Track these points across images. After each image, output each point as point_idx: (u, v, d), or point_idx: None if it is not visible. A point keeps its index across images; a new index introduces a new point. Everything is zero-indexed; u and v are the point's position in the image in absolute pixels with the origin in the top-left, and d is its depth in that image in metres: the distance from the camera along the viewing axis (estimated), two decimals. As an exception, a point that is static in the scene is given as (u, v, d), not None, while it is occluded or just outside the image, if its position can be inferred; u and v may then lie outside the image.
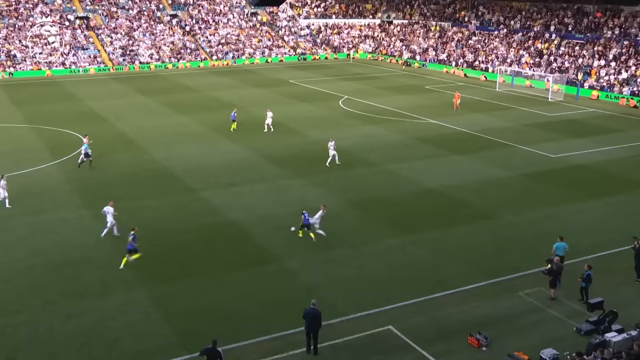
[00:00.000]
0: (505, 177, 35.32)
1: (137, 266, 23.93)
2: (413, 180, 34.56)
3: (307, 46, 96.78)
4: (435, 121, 49.76)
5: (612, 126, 49.30)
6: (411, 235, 27.09)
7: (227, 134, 44.48)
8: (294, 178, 34.64)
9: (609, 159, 39.42)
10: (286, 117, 50.75)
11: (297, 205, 29.79)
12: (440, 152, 40.30)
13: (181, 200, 31.02)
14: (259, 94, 62.88)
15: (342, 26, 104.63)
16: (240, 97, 60.66)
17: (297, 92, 63.01)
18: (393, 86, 67.97)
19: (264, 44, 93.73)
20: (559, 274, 21.77)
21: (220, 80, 71.85)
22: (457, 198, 31.74)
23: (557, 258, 22.07)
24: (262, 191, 32.54)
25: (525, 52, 78.02)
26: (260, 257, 24.85)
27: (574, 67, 70.10)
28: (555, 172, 36.36)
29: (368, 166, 37.10)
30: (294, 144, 42.18)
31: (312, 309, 18.66)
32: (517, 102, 58.89)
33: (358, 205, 30.55)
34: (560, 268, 21.78)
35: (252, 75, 76.28)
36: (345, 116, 51.73)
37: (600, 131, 47.26)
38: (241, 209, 29.97)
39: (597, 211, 30.16)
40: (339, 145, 41.74)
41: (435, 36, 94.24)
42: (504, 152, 40.75)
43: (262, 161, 38.02)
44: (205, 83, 69.42)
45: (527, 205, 30.68)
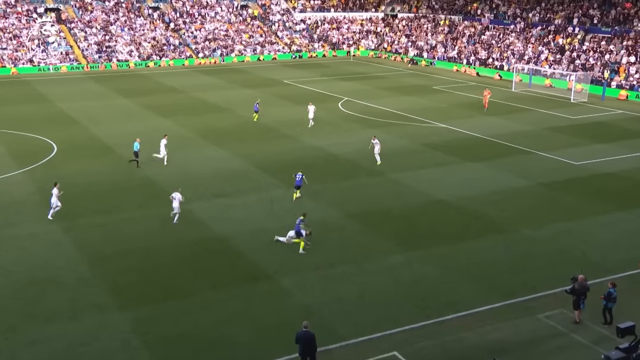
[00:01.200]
0: (523, 187, 35.45)
1: (113, 286, 23.94)
2: (420, 190, 34.67)
3: (303, 43, 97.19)
4: (444, 125, 49.97)
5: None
6: (418, 250, 27.16)
7: (215, 140, 44.61)
8: (288, 188, 34.73)
9: (639, 166, 39.59)
10: (279, 120, 50.91)
11: (292, 218, 29.84)
12: (451, 160, 40.44)
13: (164, 213, 31.06)
14: (249, 95, 63.06)
15: (341, 20, 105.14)
16: (229, 98, 60.86)
17: (292, 93, 63.19)
18: (398, 86, 68.22)
19: (255, 40, 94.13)
20: (582, 294, 21.74)
21: (207, 80, 72.06)
22: (469, 210, 31.84)
23: (581, 276, 22.04)
24: (253, 202, 32.62)
25: (544, 48, 78.42)
26: (251, 275, 24.89)
27: (599, 65, 70.43)
28: (579, 181, 36.51)
29: (370, 175, 37.21)
30: (288, 150, 42.31)
31: (305, 331, 18.66)
32: (535, 104, 59.17)
33: (360, 217, 30.63)
34: (585, 288, 21.74)
35: (242, 75, 76.51)
36: (344, 119, 51.89)
37: (629, 135, 47.47)
38: (230, 222, 30.03)
39: (626, 224, 30.25)
40: (337, 151, 41.86)
41: (444, 31, 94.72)
42: (522, 159, 40.90)
43: (253, 169, 38.11)
44: (191, 83, 69.63)
45: (547, 218, 30.78)
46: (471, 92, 65.72)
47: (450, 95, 63.94)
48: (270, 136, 45.78)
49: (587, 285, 21.81)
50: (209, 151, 42.11)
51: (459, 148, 43.12)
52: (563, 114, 55.15)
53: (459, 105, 58.36)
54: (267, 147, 42.87)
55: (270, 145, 43.23)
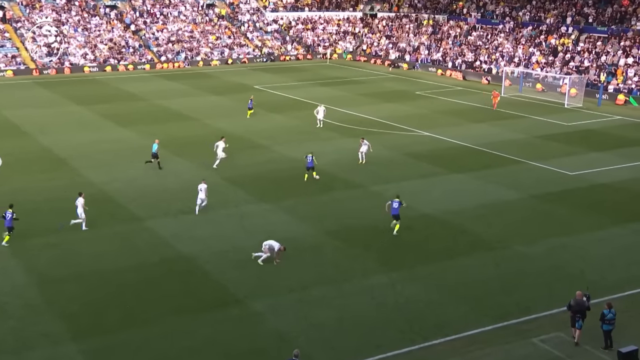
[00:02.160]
0: (514, 200, 35.80)
1: (65, 313, 23.70)
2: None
3: (275, 45, 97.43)
4: (428, 133, 50.34)
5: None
6: (402, 269, 27.27)
7: (179, 151, 44.48)
8: (259, 203, 34.71)
9: (638, 176, 40.20)
10: (250, 130, 50.93)
11: (264, 235, 29.82)
12: (436, 171, 40.72)
13: (123, 231, 30.86)
14: (217, 102, 62.98)
15: (316, 20, 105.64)
16: (195, 106, 60.75)
17: (264, 100, 63.25)
18: (378, 92, 68.63)
19: (223, 42, 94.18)
20: (578, 312, 21.92)
21: (171, 86, 71.88)
22: (456, 225, 32.07)
23: (579, 292, 22.25)
24: (221, 219, 32.55)
25: (536, 49, 79.44)
26: (220, 299, 24.80)
27: (595, 67, 71.44)
28: (574, 193, 36.97)
29: (349, 187, 37.33)
30: (259, 161, 42.31)
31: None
32: (526, 110, 59.86)
33: (338, 234, 30.70)
34: (581, 305, 21.91)
35: (209, 80, 76.43)
36: (321, 128, 52.06)
37: (627, 143, 48.20)
38: (196, 240, 29.92)
39: (624, 239, 30.67)
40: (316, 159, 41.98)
41: (427, 32, 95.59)
42: (512, 170, 41.33)
43: (221, 183, 38.04)
44: (152, 89, 69.40)
45: (540, 233, 31.12)
46: (457, 97, 66.32)
47: (435, 101, 64.47)
48: (240, 146, 45.74)
49: (584, 303, 21.97)
50: (172, 163, 41.96)
51: (445, 158, 43.45)
52: (556, 120, 55.86)
53: (444, 111, 58.84)
54: (237, 158, 42.82)
55: (241, 157, 43.20)
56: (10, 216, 29.43)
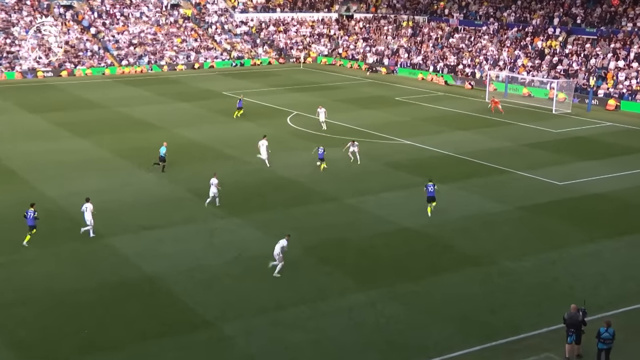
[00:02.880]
0: (500, 212, 36.04)
1: (15, 341, 23.37)
2: (383, 217, 34.95)
3: (245, 48, 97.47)
4: (409, 142, 50.57)
5: (635, 144, 51.00)
6: (383, 288, 27.29)
7: (142, 163, 44.21)
8: (229, 217, 34.61)
9: (631, 186, 40.64)
10: (219, 139, 50.81)
11: (235, 252, 29.70)
12: (417, 181, 40.84)
13: (81, 249, 30.58)
14: (183, 109, 62.80)
15: (289, 22, 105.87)
16: (159, 114, 60.52)
17: (233, 107, 63.16)
18: (355, 98, 68.87)
19: (189, 45, 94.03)
20: (571, 326, 22.01)
21: (133, 92, 71.56)
22: (440, 239, 32.20)
23: (573, 306, 22.36)
24: (188, 235, 32.39)
25: (521, 52, 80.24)
26: (187, 322, 24.64)
27: (584, 70, 72.28)
28: (563, 205, 37.30)
29: (325, 201, 37.36)
30: (229, 172, 42.20)
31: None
32: (512, 116, 60.39)
33: (313, 251, 30.68)
34: (574, 319, 21.99)
35: (175, 86, 76.23)
36: (294, 137, 52.08)
37: (619, 151, 48.79)
38: (162, 259, 29.73)
39: (618, 253, 30.96)
40: (287, 174, 41.92)
41: (407, 34, 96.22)
42: (498, 180, 41.63)
43: (188, 196, 37.87)
44: (113, 96, 69.04)
45: (528, 247, 31.33)
46: (439, 103, 66.74)
47: (416, 107, 64.81)
48: (208, 157, 45.60)
49: (578, 317, 22.07)
50: (135, 176, 41.71)
51: (426, 168, 43.64)
52: (544, 127, 56.39)
53: (425, 118, 59.17)
54: (205, 169, 42.65)
55: (209, 168, 42.99)
56: (31, 215, 30.77)
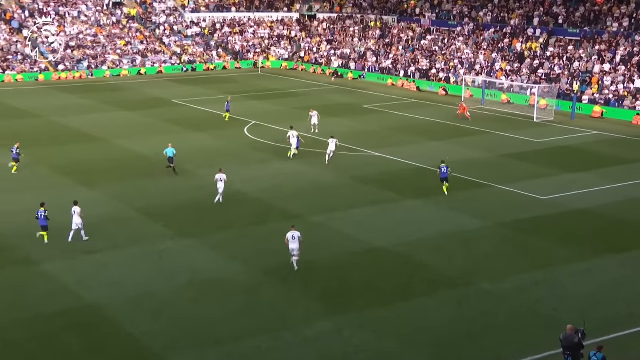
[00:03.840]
0: (478, 229, 36.26)
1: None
2: (351, 236, 35.00)
3: (197, 51, 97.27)
4: (378, 153, 50.75)
5: (623, 155, 51.67)
6: (351, 313, 27.26)
7: (81, 178, 43.83)
8: (181, 238, 34.40)
9: (619, 200, 41.13)
10: (168, 151, 50.60)
11: (186, 277, 29.47)
12: (388, 196, 41.02)
13: (12, 277, 30.17)
14: (128, 119, 62.43)
15: (245, 23, 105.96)
16: (101, 124, 60.06)
17: (185, 117, 62.99)
18: (318, 106, 68.74)
19: (134, 48, 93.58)
20: (567, 349, 22.10)
21: (70, 100, 70.95)
22: (413, 259, 32.29)
23: (570, 326, 22.46)
24: (135, 258, 32.12)
25: (499, 55, 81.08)
26: (134, 355, 24.39)
27: (567, 75, 73.21)
28: (547, 220, 37.64)
29: (287, 218, 37.25)
30: (180, 189, 41.98)
31: None
32: (490, 125, 60.91)
33: (275, 274, 30.56)
34: (569, 340, 22.05)
35: (118, 93, 75.73)
36: (253, 149, 51.99)
37: (606, 162, 49.42)
38: (105, 285, 29.42)
39: (607, 273, 31.24)
40: (245, 189, 41.83)
41: (375, 35, 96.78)
42: (476, 195, 41.93)
43: (134, 215, 37.58)
44: (48, 105, 68.38)
45: (509, 268, 31.50)
46: (411, 111, 67.13)
47: (385, 115, 65.09)
48: (157, 172, 45.31)
49: (574, 338, 22.17)
50: (74, 193, 41.27)
51: (398, 182, 43.80)
52: (525, 136, 56.94)
53: (396, 128, 59.45)
54: (154, 186, 42.39)
55: (158, 184, 42.77)
56: (42, 215, 33.80)
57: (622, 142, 56.18)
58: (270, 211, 38.53)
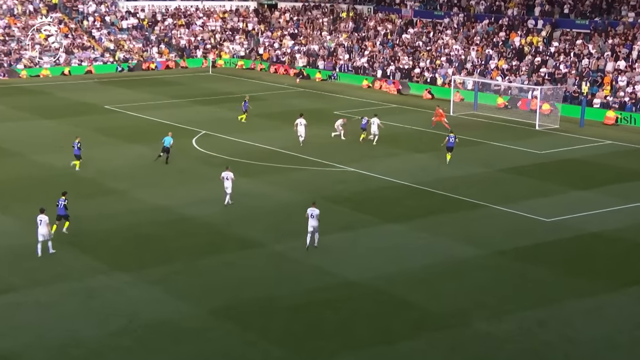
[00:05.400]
0: (472, 258, 36.27)
1: None
2: (321, 267, 34.87)
3: (135, 47, 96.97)
4: (352, 168, 50.74)
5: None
6: (321, 359, 27.22)
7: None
8: (114, 272, 34.04)
9: (638, 222, 41.38)
10: (101, 168, 50.17)
11: (122, 319, 29.12)
12: (364, 220, 40.95)
13: None
14: (49, 129, 62.00)
15: (192, 13, 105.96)
16: (16, 134, 59.61)
17: (119, 126, 62.69)
18: (281, 112, 68.99)
19: (57, 42, 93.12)
20: None
21: (-20, 107, 70.43)
22: (395, 295, 32.18)
23: None
24: (58, 297, 31.73)
25: (494, 51, 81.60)
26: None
27: (574, 74, 73.73)
28: (553, 247, 37.76)
29: (245, 247, 37.13)
30: (113, 213, 41.68)
31: None
32: (485, 134, 61.20)
33: (229, 314, 30.34)
34: None
35: (37, 97, 75.30)
36: (202, 163, 51.80)
37: (621, 177, 49.79)
38: (22, 330, 29.00)
39: (624, 310, 31.28)
40: (193, 212, 41.66)
41: (348, 28, 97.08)
42: (469, 217, 41.98)
43: (59, 246, 37.18)
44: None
45: (509, 304, 31.49)
46: (391, 118, 67.23)
47: (360, 123, 65.14)
48: (86, 193, 44.95)
49: None
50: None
51: (376, 202, 43.77)
52: (526, 147, 57.27)
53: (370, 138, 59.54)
54: (82, 210, 41.99)
55: (87, 207, 42.39)
56: (62, 204, 37.69)
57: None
58: (223, 239, 38.32)
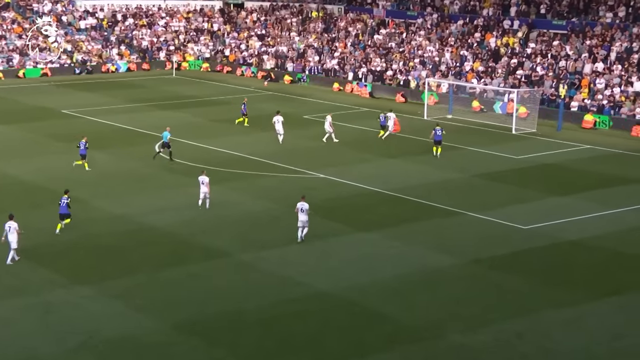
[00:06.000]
0: (448, 267, 36.37)
1: None
2: (290, 278, 34.86)
3: (94, 49, 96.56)
4: (323, 175, 50.75)
5: (621, 173, 52.46)
6: (290, 378, 27.16)
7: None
8: (73, 286, 33.85)
9: (618, 229, 41.63)
10: (56, 176, 49.92)
11: (81, 336, 28.97)
12: (334, 228, 40.97)
13: None
14: (3, 135, 61.63)
15: (155, 13, 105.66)
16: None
17: (78, 131, 62.21)
18: (249, 117, 68.89)
19: (9, 44, 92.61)
20: None
21: None
22: (367, 307, 32.19)
23: None
24: (13, 313, 31.50)
25: (469, 52, 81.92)
26: None
27: (552, 77, 74.12)
28: (530, 255, 37.91)
29: (210, 258, 37.04)
30: (72, 224, 41.41)
31: None
32: (460, 138, 61.33)
33: (194, 329, 30.24)
34: None
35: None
36: (165, 170, 51.65)
37: (602, 183, 50.02)
38: (-25, 348, 28.87)
39: (604, 320, 31.39)
40: (155, 222, 41.55)
41: (318, 29, 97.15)
42: (444, 225, 42.11)
43: (15, 259, 37.00)
44: None
45: (485, 315, 31.58)
46: (363, 122, 67.35)
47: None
48: (38, 202, 44.71)
49: None
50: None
51: (347, 210, 43.80)
52: (502, 152, 57.52)
53: (344, 143, 59.58)
54: (38, 220, 41.79)
55: (44, 218, 42.15)
56: (65, 202, 39.43)
57: (620, 157, 57.17)
58: (188, 249, 38.21)
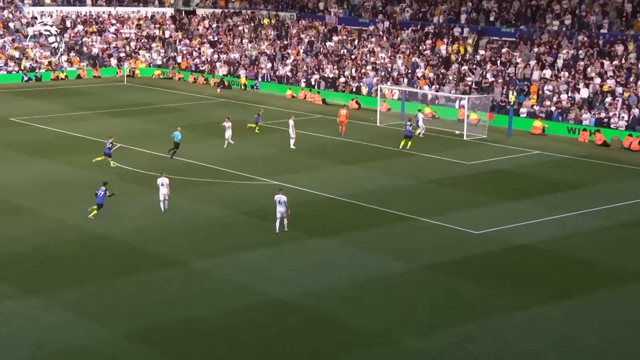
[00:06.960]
0: (400, 273, 36.39)
1: None
2: (243, 286, 34.72)
3: (42, 55, 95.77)
4: (275, 182, 50.64)
5: (569, 178, 52.98)
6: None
7: None
8: (23, 297, 33.46)
9: (567, 233, 42.04)
10: (3, 186, 49.40)
11: (30, 347, 28.59)
12: (290, 234, 40.82)
13: None
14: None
15: (105, 20, 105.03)
16: None
17: (26, 140, 61.89)
18: (199, 124, 68.76)
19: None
20: None
21: None
22: (321, 314, 32.18)
23: None
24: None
25: (420, 59, 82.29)
26: None
27: (501, 83, 74.71)
28: (482, 260, 38.11)
29: (162, 266, 36.81)
30: (20, 233, 41.00)
31: None
32: (412, 145, 61.42)
33: (147, 338, 30.01)
34: None
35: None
36: (116, 178, 51.26)
37: (552, 188, 50.50)
38: None
39: (554, 324, 31.57)
40: (107, 230, 41.26)
41: (270, 36, 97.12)
42: (396, 230, 42.17)
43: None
44: None
45: (437, 319, 31.62)
46: (317, 129, 67.37)
47: (280, 135, 65.07)
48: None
49: None
50: None
51: (301, 216, 43.71)
52: (454, 158, 57.83)
53: (298, 150, 59.51)
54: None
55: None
56: (102, 193, 42.00)
57: (568, 162, 57.75)
58: (140, 258, 37.95)
